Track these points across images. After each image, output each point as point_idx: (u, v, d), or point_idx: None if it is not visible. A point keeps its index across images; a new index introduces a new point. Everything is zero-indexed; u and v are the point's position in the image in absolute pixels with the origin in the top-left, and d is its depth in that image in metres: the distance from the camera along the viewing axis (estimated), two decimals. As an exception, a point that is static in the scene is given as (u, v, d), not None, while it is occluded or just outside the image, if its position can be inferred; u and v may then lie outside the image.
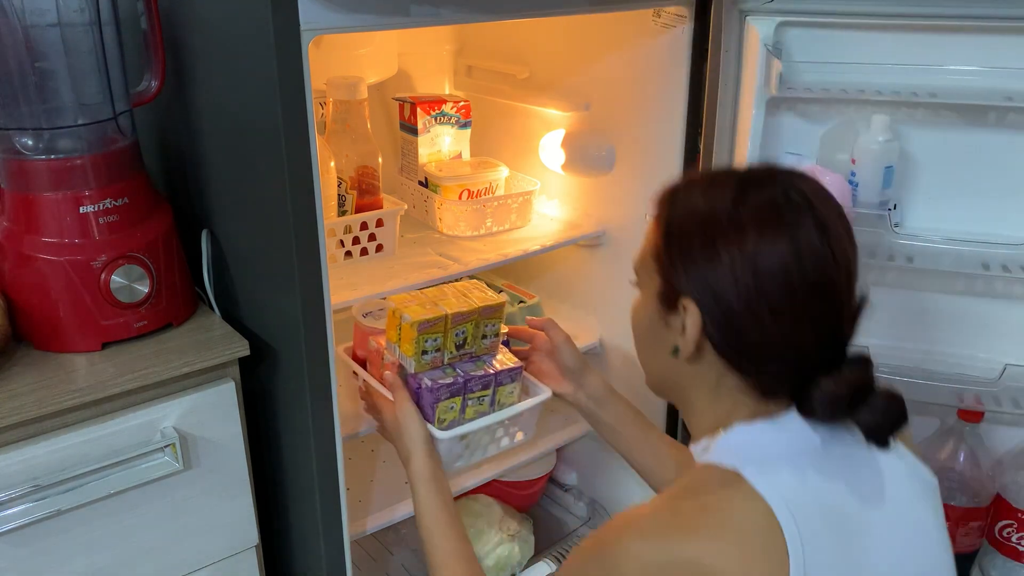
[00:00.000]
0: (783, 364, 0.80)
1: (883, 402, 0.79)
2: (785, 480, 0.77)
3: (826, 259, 0.78)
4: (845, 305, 0.80)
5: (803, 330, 0.78)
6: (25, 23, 0.98)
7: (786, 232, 0.77)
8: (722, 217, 0.79)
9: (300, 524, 1.19)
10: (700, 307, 0.80)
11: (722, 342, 0.81)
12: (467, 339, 1.17)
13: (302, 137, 0.94)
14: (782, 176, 0.82)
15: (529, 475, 1.59)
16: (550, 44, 1.50)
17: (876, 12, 1.19)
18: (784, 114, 1.32)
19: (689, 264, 0.80)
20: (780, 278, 0.77)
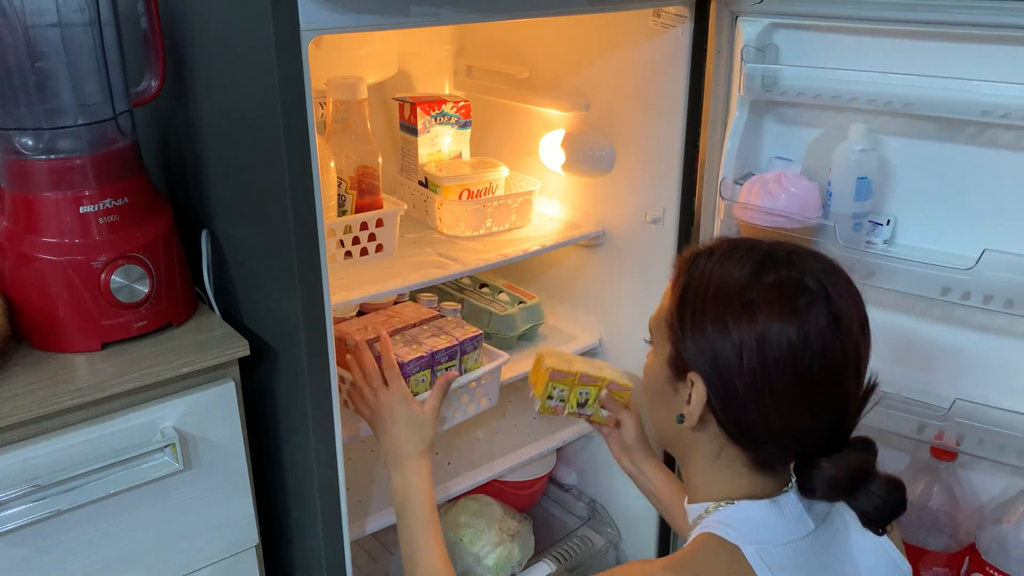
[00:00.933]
0: (784, 445, 0.81)
1: (883, 489, 0.79)
2: (784, 569, 0.79)
3: (834, 351, 0.78)
4: (850, 395, 0.81)
5: (805, 416, 0.79)
6: (25, 23, 0.98)
7: (796, 319, 0.77)
8: (735, 295, 0.79)
9: (300, 524, 1.19)
10: (706, 383, 0.81)
11: (725, 419, 0.82)
12: (589, 400, 1.30)
13: (302, 137, 0.94)
14: (802, 258, 0.81)
15: (529, 475, 1.59)
16: (550, 44, 1.50)
17: (863, 16, 1.14)
18: (773, 118, 1.31)
19: (699, 339, 0.81)
20: (786, 365, 0.77)
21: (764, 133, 1.32)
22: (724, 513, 0.84)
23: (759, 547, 0.79)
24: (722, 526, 0.82)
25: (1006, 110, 1.04)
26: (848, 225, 1.21)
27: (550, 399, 1.28)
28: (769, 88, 1.24)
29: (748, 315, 0.78)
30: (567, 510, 1.71)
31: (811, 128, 1.28)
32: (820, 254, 0.83)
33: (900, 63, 1.14)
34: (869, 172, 1.19)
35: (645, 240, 1.42)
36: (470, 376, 1.26)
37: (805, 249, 0.83)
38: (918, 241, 1.22)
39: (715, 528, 0.82)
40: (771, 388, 0.78)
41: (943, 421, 1.16)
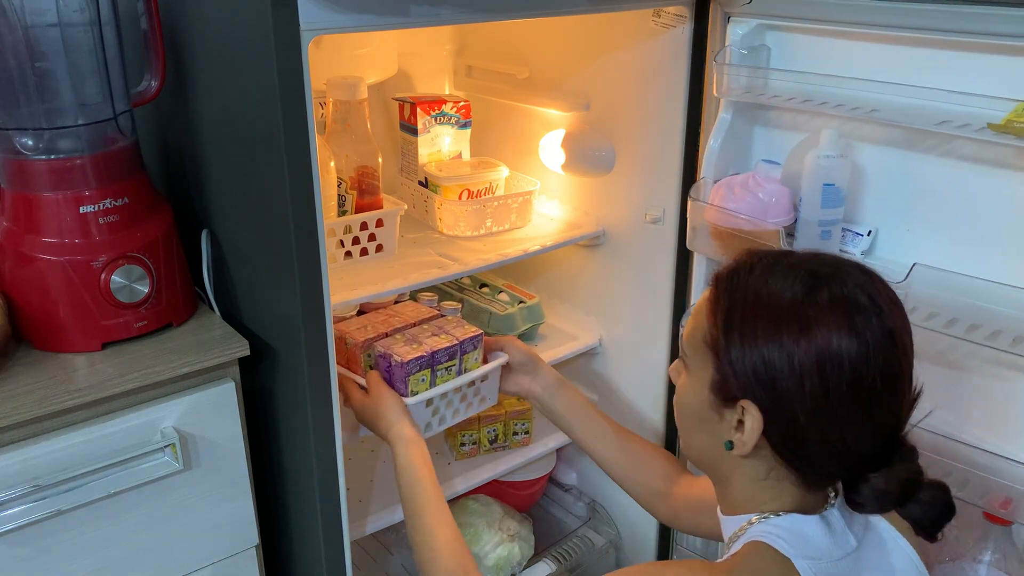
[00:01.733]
0: (840, 463, 0.80)
1: (931, 495, 0.78)
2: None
3: (892, 365, 0.77)
4: (904, 410, 0.80)
5: (866, 433, 0.78)
6: (25, 23, 0.98)
7: (856, 337, 0.75)
8: (788, 315, 0.76)
9: (300, 524, 1.19)
10: (761, 410, 0.78)
11: (781, 445, 0.80)
12: (498, 435, 1.49)
13: (302, 137, 0.94)
14: (850, 274, 0.79)
15: (529, 475, 1.59)
16: (550, 44, 1.50)
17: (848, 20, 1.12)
18: (762, 121, 1.30)
19: (751, 364, 0.77)
20: (848, 384, 0.75)
21: (754, 135, 1.32)
22: (774, 524, 0.81)
23: (811, 563, 0.78)
24: (774, 537, 0.79)
25: (965, 120, 1.00)
26: (814, 232, 1.19)
27: (463, 446, 1.48)
28: (751, 90, 1.22)
29: (805, 336, 0.75)
30: (567, 510, 1.71)
31: (796, 132, 1.26)
32: (863, 266, 0.81)
33: (884, 69, 1.11)
34: (837, 179, 1.16)
35: (645, 240, 1.42)
36: (470, 376, 1.26)
37: (847, 261, 0.81)
38: (899, 255, 1.16)
39: (767, 538, 0.80)
40: (833, 409, 0.76)
41: None
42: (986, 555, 1.08)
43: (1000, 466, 1.03)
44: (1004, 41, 1.00)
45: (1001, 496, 1.03)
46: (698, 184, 1.30)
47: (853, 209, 1.22)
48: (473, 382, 1.27)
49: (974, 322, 1.02)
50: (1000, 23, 0.98)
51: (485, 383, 1.30)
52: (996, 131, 0.97)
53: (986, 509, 1.05)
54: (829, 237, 1.20)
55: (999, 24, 0.98)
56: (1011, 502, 1.02)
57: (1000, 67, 1.02)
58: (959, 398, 1.15)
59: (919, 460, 0.81)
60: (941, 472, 1.07)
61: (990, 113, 0.98)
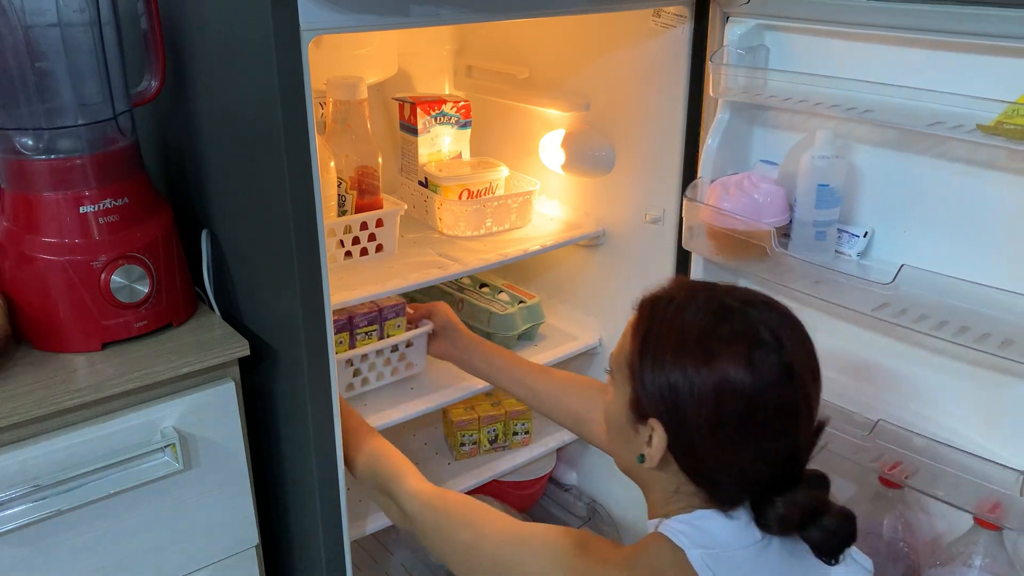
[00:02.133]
0: (739, 485, 0.85)
1: (834, 522, 0.82)
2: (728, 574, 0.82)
3: (787, 400, 0.82)
4: (802, 438, 0.84)
5: (759, 460, 0.83)
6: (25, 23, 0.98)
7: (751, 371, 0.80)
8: (693, 346, 0.82)
9: (300, 524, 1.19)
10: (666, 429, 0.84)
11: (683, 462, 0.85)
12: (499, 435, 1.52)
13: (302, 137, 0.94)
14: (756, 309, 0.84)
15: (529, 475, 1.59)
16: (550, 44, 1.50)
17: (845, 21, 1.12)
18: (762, 121, 1.30)
19: (659, 386, 0.84)
20: (741, 415, 0.80)
21: (753, 135, 1.32)
22: (675, 519, 0.87)
23: (704, 552, 0.82)
24: (672, 530, 0.85)
25: (958, 121, 1.01)
26: (809, 233, 1.19)
27: (463, 446, 1.49)
28: (748, 90, 1.22)
29: (706, 366, 0.81)
30: (567, 510, 1.71)
31: (794, 132, 1.26)
32: (775, 303, 0.86)
33: (881, 69, 1.10)
34: (831, 179, 1.16)
35: (645, 240, 1.42)
36: (392, 341, 1.33)
37: (760, 298, 0.86)
38: (896, 256, 1.16)
39: (665, 531, 0.85)
40: (727, 436, 0.81)
41: (865, 442, 1.13)
42: (976, 560, 1.08)
43: (988, 470, 1.03)
44: (999, 42, 1.00)
45: (990, 501, 1.03)
46: (694, 184, 1.30)
47: (850, 210, 1.22)
48: (396, 347, 1.35)
49: (964, 325, 1.02)
50: (997, 24, 0.98)
51: (411, 349, 1.37)
52: (986, 132, 0.97)
53: (975, 513, 1.05)
54: (824, 238, 1.20)
55: (994, 25, 0.98)
56: (1000, 506, 1.03)
57: (995, 68, 1.02)
58: (949, 401, 1.15)
59: (827, 489, 0.85)
60: (930, 475, 1.08)
61: (981, 114, 0.98)
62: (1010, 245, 1.06)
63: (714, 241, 1.28)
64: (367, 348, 1.32)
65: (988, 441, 1.11)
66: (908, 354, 1.18)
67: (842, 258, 1.21)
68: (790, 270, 1.19)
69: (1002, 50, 1.01)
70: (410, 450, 1.51)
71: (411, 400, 1.34)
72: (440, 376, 1.41)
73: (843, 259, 1.21)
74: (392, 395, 1.35)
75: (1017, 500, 1.01)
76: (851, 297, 1.12)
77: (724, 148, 1.29)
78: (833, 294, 1.14)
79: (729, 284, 0.90)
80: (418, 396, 1.35)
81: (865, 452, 1.14)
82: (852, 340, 1.24)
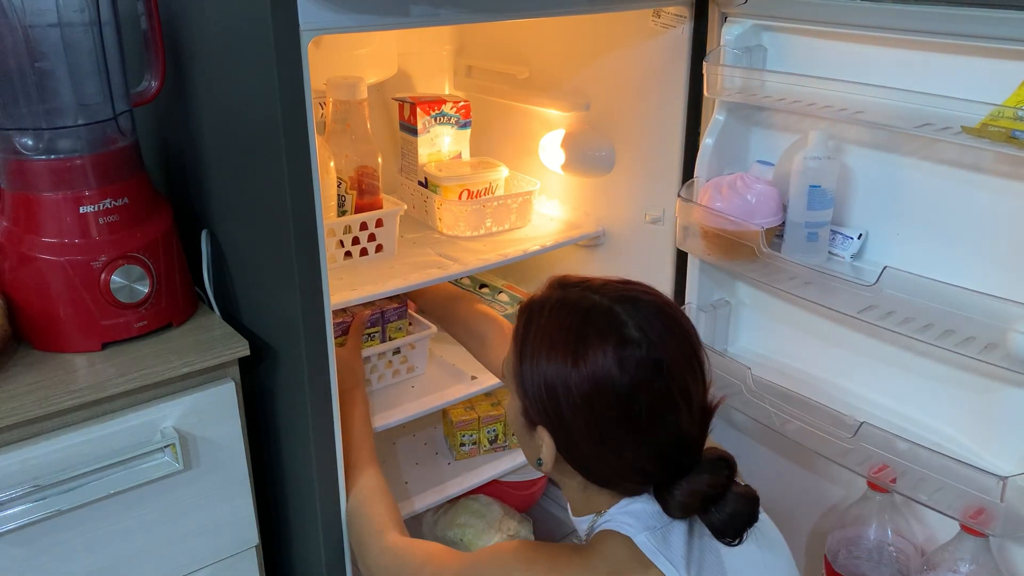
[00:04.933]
0: (633, 479, 0.86)
1: (732, 505, 0.83)
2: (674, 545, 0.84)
3: (661, 394, 0.81)
4: (684, 427, 0.83)
5: (645, 456, 0.83)
6: (25, 23, 0.98)
7: (621, 370, 0.80)
8: (563, 352, 0.82)
9: (300, 524, 1.19)
10: (551, 435, 0.85)
11: (575, 464, 0.87)
12: (499, 435, 1.49)
13: (302, 137, 0.94)
14: (624, 305, 0.84)
15: (529, 475, 1.59)
16: (550, 44, 1.50)
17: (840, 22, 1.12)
18: (759, 121, 1.30)
19: (538, 393, 0.84)
20: (617, 414, 0.81)
21: (750, 136, 1.32)
22: (611, 513, 0.88)
23: (649, 533, 0.84)
24: (615, 523, 0.86)
25: (946, 123, 1.00)
26: (801, 234, 1.19)
27: (463, 446, 1.48)
28: (744, 91, 1.22)
29: (575, 368, 0.81)
30: (567, 510, 1.71)
31: (790, 133, 1.26)
32: (647, 295, 0.86)
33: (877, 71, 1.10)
34: (824, 181, 1.16)
35: (645, 240, 1.42)
36: (393, 344, 1.35)
37: (632, 292, 0.86)
38: (889, 259, 1.15)
39: (610, 525, 0.87)
40: (606, 435, 0.82)
41: (849, 444, 1.13)
42: (963, 566, 1.07)
43: (972, 475, 1.03)
44: (988, 44, 0.99)
45: (974, 506, 1.03)
46: (689, 184, 1.30)
47: (844, 212, 1.21)
48: (399, 349, 1.37)
49: (948, 328, 1.02)
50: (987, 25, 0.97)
51: (412, 351, 1.39)
52: (971, 134, 0.96)
53: (958, 519, 1.04)
54: (816, 239, 1.19)
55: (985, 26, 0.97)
56: (983, 511, 1.02)
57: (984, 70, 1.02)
58: (935, 405, 1.15)
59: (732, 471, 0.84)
60: (915, 480, 1.08)
61: (967, 116, 0.98)
62: (996, 249, 1.06)
63: (706, 241, 1.28)
64: (369, 351, 1.32)
65: (975, 445, 1.11)
66: (894, 357, 1.18)
67: (835, 260, 1.20)
68: (779, 271, 1.19)
69: (991, 52, 1.00)
70: (410, 450, 1.51)
71: (411, 400, 1.34)
72: (440, 377, 1.41)
73: (836, 261, 1.20)
74: (392, 395, 1.35)
75: (999, 506, 1.00)
76: (838, 299, 1.12)
77: (720, 148, 1.29)
78: (821, 296, 1.14)
79: (606, 279, 0.89)
80: (418, 396, 1.35)
81: (851, 455, 1.14)
82: (840, 341, 1.24)
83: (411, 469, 1.46)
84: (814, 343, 1.29)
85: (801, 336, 1.30)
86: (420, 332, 1.39)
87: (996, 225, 1.05)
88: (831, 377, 1.26)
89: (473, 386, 1.38)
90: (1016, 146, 0.93)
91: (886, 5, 1.05)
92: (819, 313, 1.21)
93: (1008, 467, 1.04)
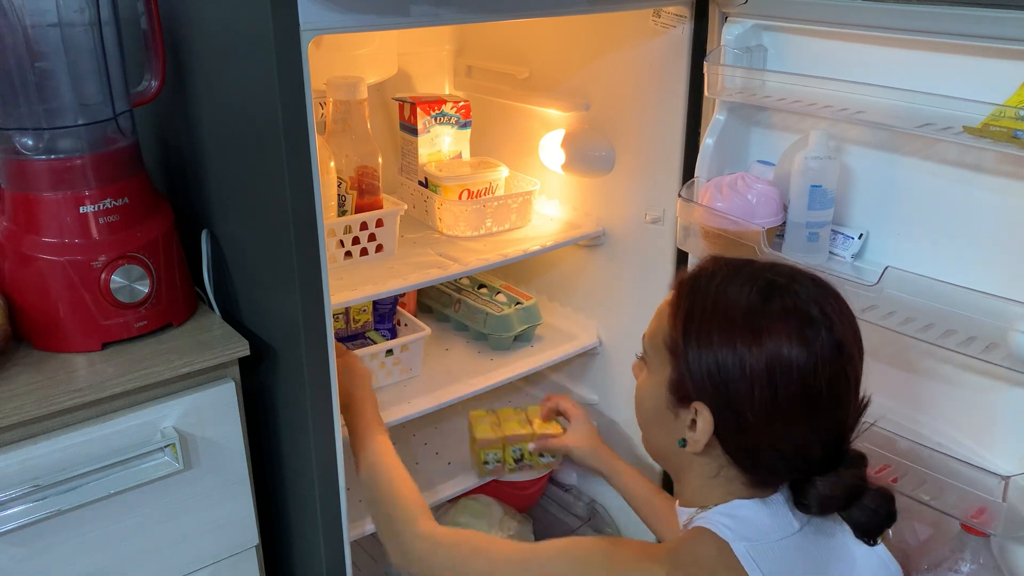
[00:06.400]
0: (787, 465, 0.83)
1: (874, 502, 0.82)
2: (772, 565, 0.81)
3: (840, 377, 0.80)
4: (851, 414, 0.83)
5: (811, 439, 0.81)
6: (25, 23, 0.98)
7: (805, 348, 0.78)
8: (742, 323, 0.80)
9: (300, 524, 1.19)
10: (713, 411, 0.82)
11: (731, 445, 0.83)
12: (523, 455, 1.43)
13: (302, 137, 0.94)
14: (803, 285, 0.82)
15: (529, 475, 1.59)
16: (550, 44, 1.50)
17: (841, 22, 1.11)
18: (759, 121, 1.30)
19: (706, 367, 0.81)
20: (796, 392, 0.79)
21: (750, 136, 1.31)
22: (715, 511, 0.85)
23: (749, 544, 0.81)
24: (714, 523, 0.83)
25: (947, 122, 1.00)
26: (801, 234, 1.19)
27: (486, 464, 1.42)
28: (744, 91, 1.22)
29: (757, 344, 0.79)
30: (567, 510, 1.71)
31: (790, 133, 1.26)
32: (818, 278, 0.84)
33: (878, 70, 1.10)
34: (825, 181, 1.16)
35: (645, 240, 1.42)
36: (382, 346, 1.35)
37: (804, 273, 0.84)
38: (890, 259, 1.14)
39: (707, 523, 0.84)
40: (781, 414, 0.79)
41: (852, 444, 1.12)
42: (964, 565, 1.07)
43: (973, 475, 1.03)
44: (989, 43, 0.99)
45: (975, 506, 1.03)
46: (690, 184, 1.30)
47: (845, 212, 1.21)
48: (391, 351, 1.37)
49: (949, 327, 1.02)
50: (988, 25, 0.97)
51: (405, 354, 1.39)
52: (973, 134, 0.96)
53: (959, 519, 1.04)
54: (817, 239, 1.19)
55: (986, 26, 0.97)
56: (985, 511, 1.02)
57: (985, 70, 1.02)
58: (933, 405, 1.15)
59: (866, 467, 0.84)
60: (917, 480, 1.08)
61: (969, 116, 0.98)
62: (998, 248, 1.06)
63: (707, 241, 1.28)
64: (361, 352, 1.32)
65: (977, 445, 1.10)
66: (896, 357, 1.17)
67: (836, 260, 1.20)
68: None
69: (992, 51, 1.00)
70: (409, 450, 1.51)
71: (411, 401, 1.34)
72: (440, 377, 1.41)
73: (837, 261, 1.20)
74: (386, 397, 1.35)
75: (1001, 506, 1.00)
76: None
77: (721, 148, 1.29)
78: None
79: (769, 260, 0.87)
80: (418, 397, 1.35)
81: None
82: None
83: (411, 469, 1.44)
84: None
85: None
86: (414, 334, 1.39)
87: (997, 225, 1.05)
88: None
89: (472, 386, 1.38)
90: (1018, 146, 0.93)
91: (887, 5, 1.05)
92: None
93: (1009, 467, 1.04)
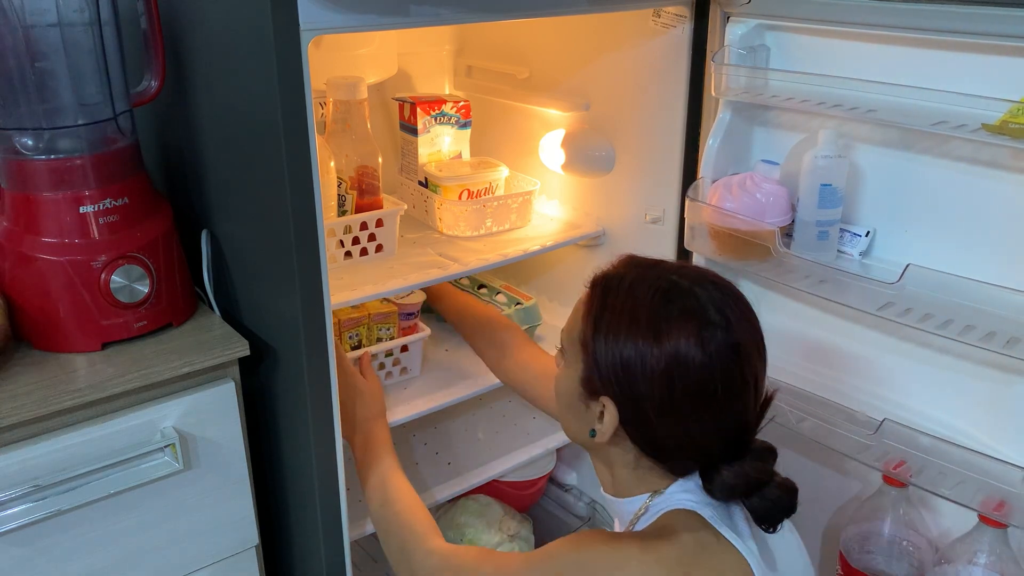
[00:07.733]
0: (690, 456, 0.89)
1: (775, 493, 0.86)
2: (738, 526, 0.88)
3: (735, 375, 0.85)
4: (750, 411, 0.88)
5: (709, 433, 0.86)
6: (25, 23, 0.98)
7: (701, 349, 0.83)
8: (647, 326, 0.85)
9: (300, 524, 1.19)
10: (617, 406, 0.87)
11: (637, 437, 0.89)
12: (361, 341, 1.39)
13: (302, 137, 0.94)
14: (704, 288, 0.87)
15: (529, 475, 1.59)
16: (550, 44, 1.50)
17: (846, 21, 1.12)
18: (763, 121, 1.30)
19: (611, 365, 0.86)
20: (692, 391, 0.84)
21: (754, 135, 1.32)
22: (669, 493, 0.90)
23: (713, 508, 0.87)
24: (678, 500, 0.89)
25: (962, 120, 1.01)
26: (811, 233, 1.20)
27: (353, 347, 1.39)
28: (750, 90, 1.22)
29: (658, 344, 0.84)
30: (567, 510, 1.71)
31: (795, 132, 1.26)
32: (721, 281, 0.89)
33: (883, 69, 1.10)
34: (834, 179, 1.17)
35: (645, 240, 1.42)
36: (382, 346, 1.35)
37: (707, 276, 0.89)
38: (898, 256, 1.16)
39: (672, 503, 0.89)
40: (680, 410, 0.85)
41: (869, 441, 1.13)
42: (981, 557, 1.08)
43: (994, 468, 1.04)
44: (1001, 42, 1.00)
45: (995, 499, 1.04)
46: (696, 184, 1.30)
47: (852, 210, 1.22)
48: (391, 352, 1.37)
49: (969, 323, 1.03)
50: (997, 23, 0.97)
51: (406, 354, 1.39)
52: (991, 132, 0.97)
53: (980, 511, 1.06)
54: (827, 237, 1.20)
55: (997, 24, 0.98)
56: (1004, 504, 1.03)
57: (998, 68, 1.02)
58: (954, 400, 1.15)
59: (774, 461, 0.89)
60: (936, 472, 1.08)
61: (986, 114, 0.98)
62: (1013, 243, 1.06)
63: (716, 241, 1.28)
64: (357, 352, 1.32)
65: (993, 440, 1.11)
66: (913, 353, 1.18)
67: (844, 257, 1.21)
68: (794, 270, 1.19)
69: (1005, 49, 1.01)
70: (409, 450, 1.51)
71: (411, 402, 1.34)
72: (440, 378, 1.41)
73: (845, 258, 1.21)
74: (392, 396, 1.35)
75: (1022, 498, 1.01)
76: (855, 296, 1.12)
77: (725, 148, 1.29)
78: (837, 293, 1.14)
79: (678, 263, 0.93)
80: (418, 397, 1.35)
81: (870, 451, 1.14)
82: (855, 339, 1.24)
83: (411, 469, 1.46)
84: (824, 340, 1.29)
85: (810, 333, 1.31)
86: (413, 335, 1.39)
87: (1013, 220, 1.06)
88: (842, 374, 1.27)
89: (470, 387, 1.38)
90: (1038, 143, 0.94)
91: (893, 4, 1.06)
92: (829, 310, 1.21)
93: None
